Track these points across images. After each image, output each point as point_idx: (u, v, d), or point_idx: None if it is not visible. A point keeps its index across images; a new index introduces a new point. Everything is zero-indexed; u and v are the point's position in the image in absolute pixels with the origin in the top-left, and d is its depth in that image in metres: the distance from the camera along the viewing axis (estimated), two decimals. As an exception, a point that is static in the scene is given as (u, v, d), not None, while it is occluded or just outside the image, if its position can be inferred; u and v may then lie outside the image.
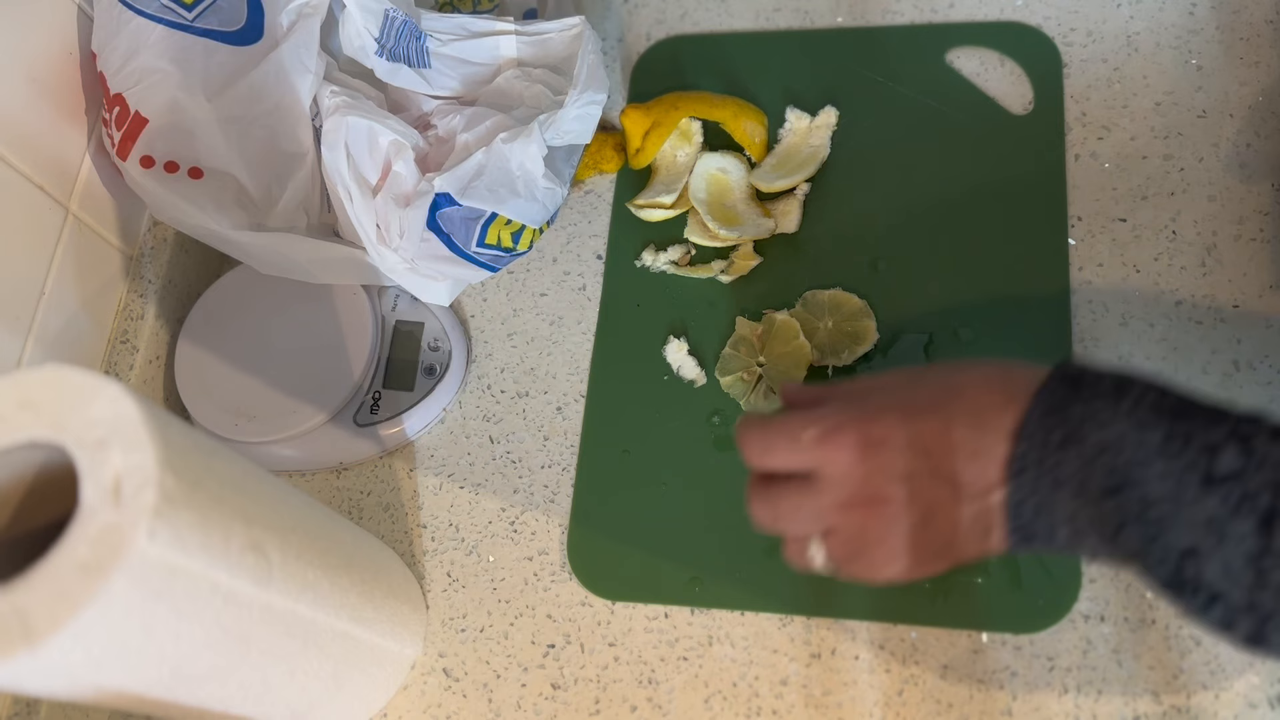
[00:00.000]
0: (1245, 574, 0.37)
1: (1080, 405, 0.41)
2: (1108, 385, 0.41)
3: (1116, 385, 0.41)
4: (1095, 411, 0.40)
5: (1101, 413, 0.40)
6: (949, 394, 0.44)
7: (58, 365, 0.40)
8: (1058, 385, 0.42)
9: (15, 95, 0.60)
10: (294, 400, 0.66)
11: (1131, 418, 0.40)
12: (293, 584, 0.47)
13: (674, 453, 0.64)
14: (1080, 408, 0.41)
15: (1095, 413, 0.40)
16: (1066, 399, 0.41)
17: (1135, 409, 0.40)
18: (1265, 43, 0.67)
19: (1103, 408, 0.40)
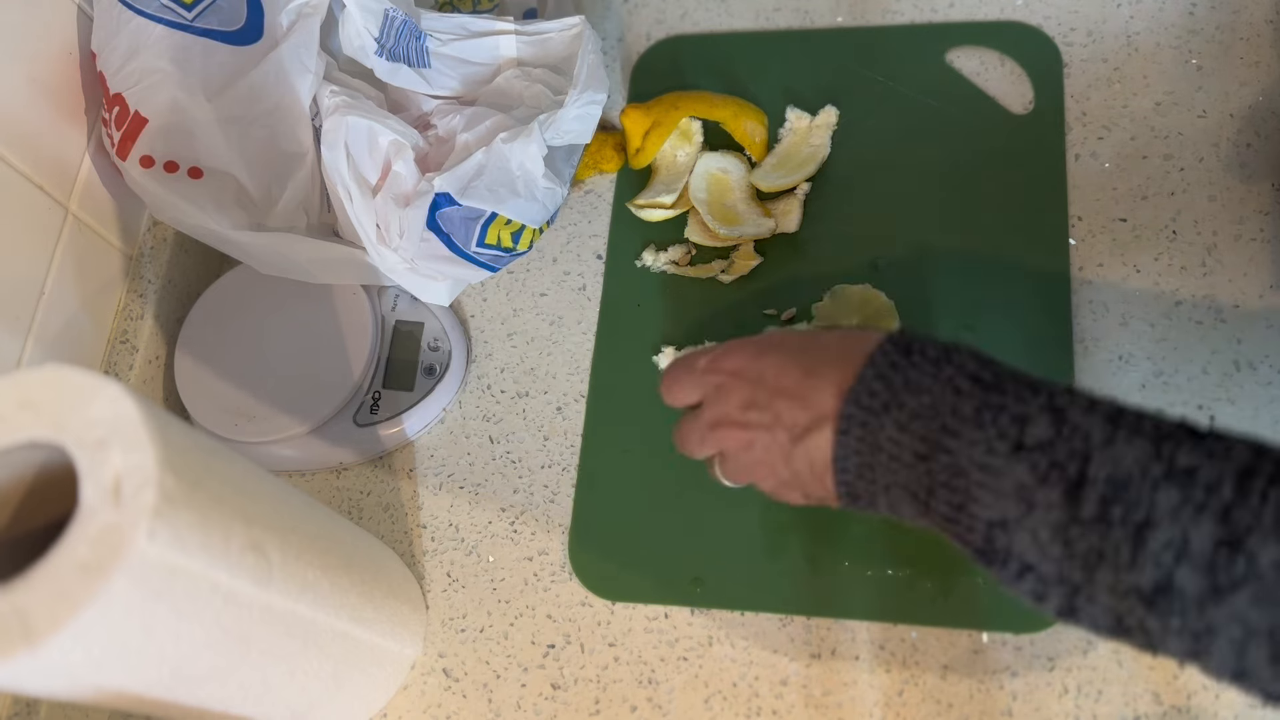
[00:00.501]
0: (1053, 545, 0.38)
1: (903, 372, 0.42)
2: (932, 353, 0.42)
3: (940, 354, 0.42)
4: (916, 379, 0.41)
5: (922, 380, 0.41)
6: (805, 346, 0.47)
7: (58, 365, 0.40)
8: (890, 349, 0.43)
9: (15, 95, 0.60)
10: (294, 400, 0.65)
11: (949, 385, 0.41)
12: (293, 584, 0.47)
13: (674, 453, 0.64)
14: (903, 374, 0.42)
15: (916, 380, 0.41)
16: (894, 365, 0.42)
17: (954, 377, 0.41)
18: (1265, 43, 0.67)
19: (923, 375, 0.41)
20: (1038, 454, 0.38)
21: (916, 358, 0.42)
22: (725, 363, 0.49)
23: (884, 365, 0.43)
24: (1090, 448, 0.37)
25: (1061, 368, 0.61)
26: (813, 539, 0.60)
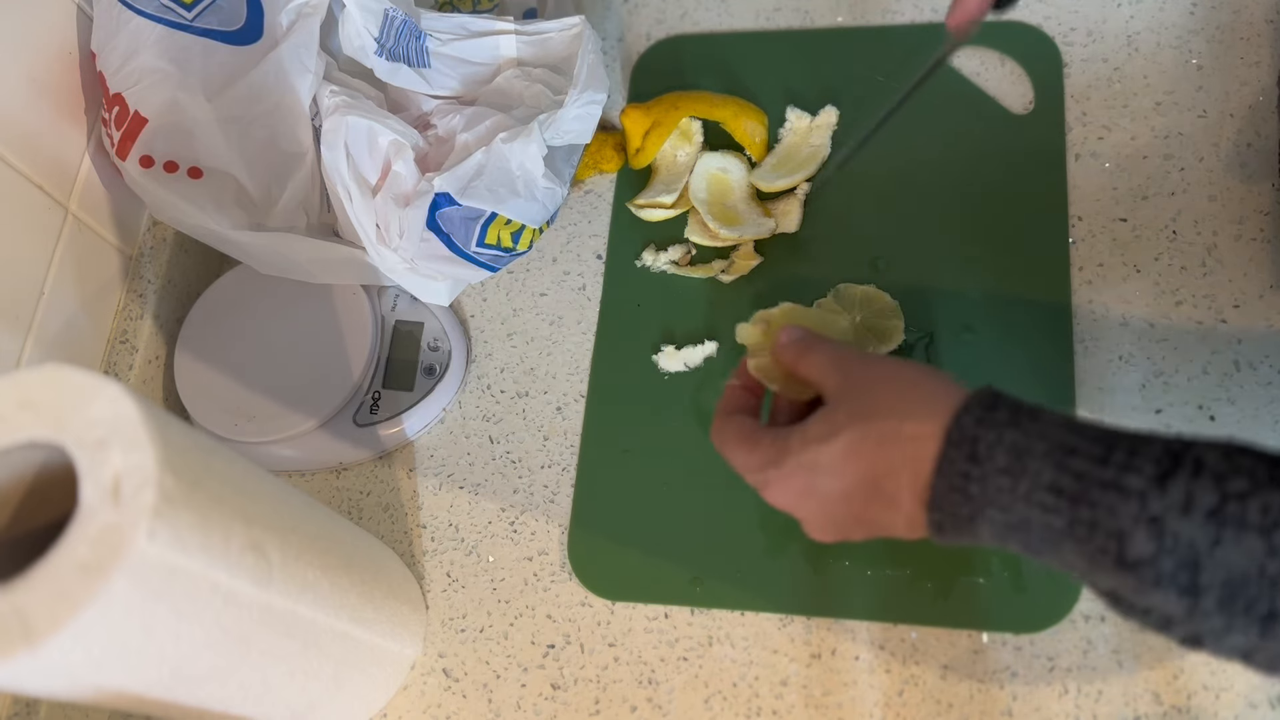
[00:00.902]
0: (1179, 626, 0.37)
1: (979, 485, 0.40)
2: (1001, 461, 0.39)
3: (1010, 460, 0.39)
4: (995, 495, 0.39)
5: (1001, 496, 0.39)
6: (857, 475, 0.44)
7: (57, 365, 0.40)
8: (956, 456, 0.40)
9: (15, 95, 0.60)
10: (293, 400, 0.65)
11: (1032, 501, 0.39)
12: (293, 584, 0.47)
13: (674, 453, 0.64)
14: (979, 488, 0.40)
15: (995, 496, 0.39)
16: (967, 476, 0.40)
17: (1033, 491, 0.39)
18: (1265, 43, 0.67)
19: (1001, 491, 0.39)
20: (1144, 568, 0.37)
21: (988, 466, 0.40)
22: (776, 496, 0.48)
23: (955, 477, 0.40)
24: (1197, 555, 0.36)
25: (1061, 368, 0.61)
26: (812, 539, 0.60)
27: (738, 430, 0.50)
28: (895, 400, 0.44)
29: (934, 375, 0.45)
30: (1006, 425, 0.40)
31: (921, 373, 0.45)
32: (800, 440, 0.46)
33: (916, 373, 0.45)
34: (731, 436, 0.50)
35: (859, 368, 0.47)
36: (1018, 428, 0.40)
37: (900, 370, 0.46)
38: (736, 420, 0.50)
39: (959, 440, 0.40)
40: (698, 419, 0.64)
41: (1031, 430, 0.39)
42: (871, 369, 0.47)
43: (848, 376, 0.46)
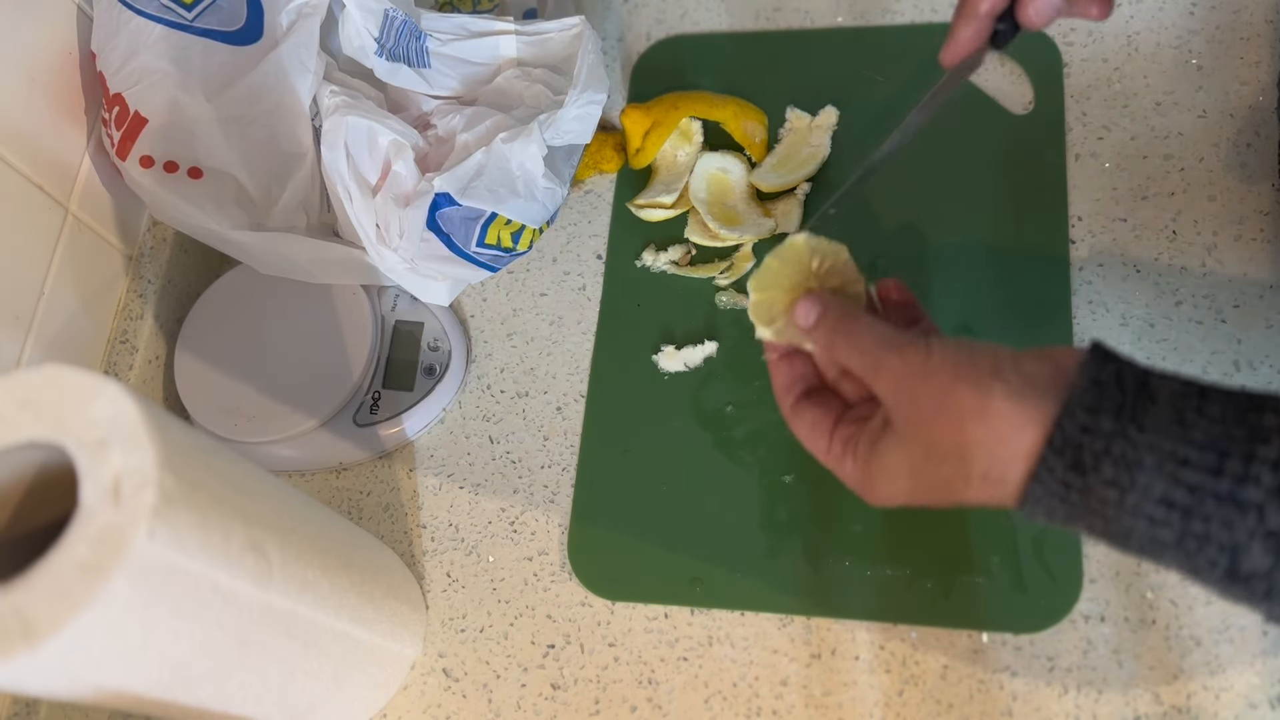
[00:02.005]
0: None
1: (1080, 495, 0.37)
2: (1108, 473, 0.37)
3: (1119, 471, 0.36)
4: (1099, 506, 0.37)
5: (1106, 508, 0.37)
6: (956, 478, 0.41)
7: (57, 365, 0.40)
8: (1056, 465, 0.38)
9: (15, 95, 0.60)
10: (293, 400, 0.65)
11: (1140, 514, 0.37)
12: (293, 584, 0.47)
13: (674, 452, 0.64)
14: (1081, 498, 0.38)
15: (1099, 507, 0.37)
16: (1068, 486, 0.38)
17: (1142, 505, 0.36)
18: (1265, 43, 0.67)
19: (1106, 503, 0.37)
20: (1257, 581, 0.35)
21: (1091, 478, 0.37)
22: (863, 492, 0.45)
23: (1055, 484, 0.38)
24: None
25: (1061, 368, 0.61)
26: (813, 539, 0.60)
27: (810, 430, 0.47)
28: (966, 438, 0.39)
29: (995, 390, 0.39)
30: (1113, 435, 0.37)
31: (979, 389, 0.39)
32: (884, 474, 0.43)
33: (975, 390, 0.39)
34: (807, 439, 0.47)
35: (902, 385, 0.42)
36: (1125, 437, 0.37)
37: (954, 388, 0.40)
38: (806, 414, 0.47)
39: (1061, 448, 0.37)
40: (698, 419, 0.64)
41: (1140, 441, 0.36)
42: (917, 389, 0.41)
43: (897, 394, 0.42)
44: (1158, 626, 0.55)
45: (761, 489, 0.62)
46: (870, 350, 0.43)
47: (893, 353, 0.42)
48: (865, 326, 0.44)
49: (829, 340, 0.45)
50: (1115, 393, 0.37)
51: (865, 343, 0.44)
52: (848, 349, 0.44)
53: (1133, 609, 0.56)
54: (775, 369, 0.49)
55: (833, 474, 0.47)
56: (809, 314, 0.46)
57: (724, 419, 0.64)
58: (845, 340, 0.45)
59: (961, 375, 0.40)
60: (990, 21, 0.49)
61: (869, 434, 0.44)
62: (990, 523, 0.58)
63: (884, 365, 0.42)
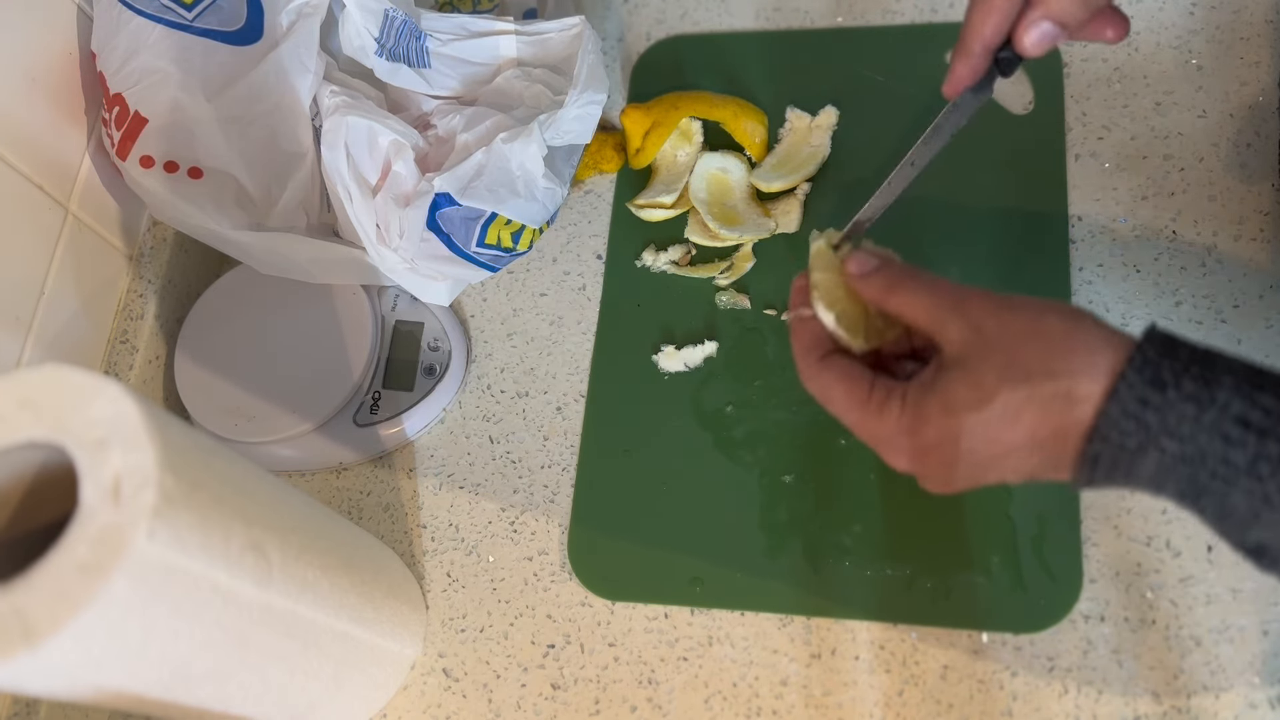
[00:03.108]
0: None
1: (1159, 412, 0.38)
2: (1190, 387, 0.37)
3: (1199, 387, 0.37)
4: (1176, 424, 0.37)
5: (1183, 425, 0.37)
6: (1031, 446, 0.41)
7: (58, 365, 0.40)
8: (1137, 382, 0.38)
9: (15, 95, 0.60)
10: (294, 400, 0.65)
11: (1216, 432, 0.37)
12: (293, 584, 0.47)
13: (674, 453, 0.64)
14: (1158, 414, 0.38)
15: (1176, 425, 0.37)
16: (1144, 402, 0.38)
17: (1220, 422, 0.37)
18: (1265, 43, 0.67)
19: (1184, 419, 0.37)
20: None
21: (1171, 394, 0.37)
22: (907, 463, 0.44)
23: (1133, 403, 0.38)
24: None
25: (1061, 368, 0.61)
26: (813, 539, 0.60)
27: (844, 381, 0.45)
28: (1053, 355, 0.40)
29: (1084, 319, 0.41)
30: (1190, 361, 0.38)
31: (1069, 316, 0.41)
32: (941, 405, 0.42)
33: (1064, 318, 0.41)
34: (839, 391, 0.45)
35: (989, 315, 0.42)
36: (1202, 362, 0.38)
37: (1043, 316, 0.41)
38: (837, 366, 0.46)
39: (1141, 365, 0.38)
40: (698, 419, 0.64)
41: (1216, 363, 0.38)
42: (1006, 316, 0.42)
43: (978, 326, 0.42)
44: (1158, 626, 0.55)
45: (761, 489, 0.62)
46: (946, 294, 0.44)
47: (973, 296, 0.43)
48: (931, 277, 0.45)
49: (890, 285, 0.45)
50: (1185, 341, 0.39)
51: (938, 287, 0.44)
52: (915, 292, 0.44)
53: (1133, 609, 0.56)
54: (800, 326, 0.48)
55: (851, 426, 0.45)
56: (865, 262, 0.46)
57: (724, 419, 0.64)
58: (914, 283, 0.45)
59: (1049, 310, 0.42)
60: (987, 57, 0.49)
61: (918, 383, 0.43)
62: (990, 522, 0.58)
63: (967, 301, 0.43)
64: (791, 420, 0.63)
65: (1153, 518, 0.57)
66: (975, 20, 0.48)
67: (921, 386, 0.43)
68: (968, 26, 0.48)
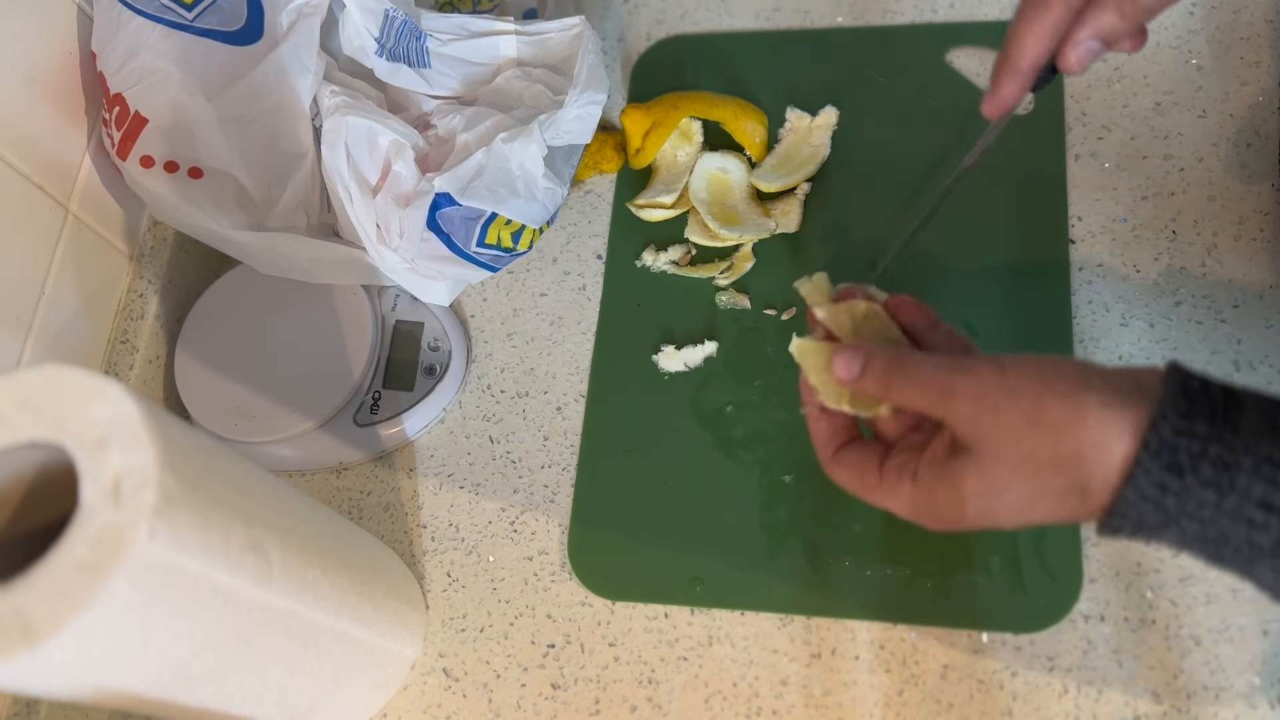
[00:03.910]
0: None
1: (1176, 498, 0.37)
2: (1208, 473, 0.36)
3: (1218, 472, 0.36)
4: (1195, 509, 0.37)
5: (1203, 511, 0.37)
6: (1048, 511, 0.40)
7: (58, 365, 0.40)
8: (1153, 466, 0.37)
9: (15, 95, 0.60)
10: (294, 400, 0.65)
11: (1238, 518, 0.36)
12: (293, 584, 0.47)
13: (674, 453, 0.64)
14: (1176, 501, 0.37)
15: (1195, 510, 0.37)
16: (1163, 488, 0.37)
17: (1242, 507, 0.36)
18: (1265, 43, 0.67)
19: (1204, 506, 0.37)
20: None
21: (1190, 479, 0.36)
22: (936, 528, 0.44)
23: (1150, 488, 0.37)
24: None
25: (1061, 368, 0.61)
26: (813, 539, 0.60)
27: (855, 474, 0.46)
28: (1061, 449, 0.39)
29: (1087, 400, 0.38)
30: (1209, 439, 0.36)
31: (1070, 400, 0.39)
32: (951, 492, 0.42)
33: (1065, 404, 0.39)
34: (854, 484, 0.46)
35: (983, 406, 0.40)
36: (1221, 441, 0.36)
37: (1043, 402, 0.39)
38: (848, 458, 0.46)
39: (1157, 450, 0.37)
40: (698, 419, 0.64)
41: (1235, 443, 0.36)
42: (1004, 406, 0.40)
43: (975, 421, 0.41)
44: (1158, 626, 0.55)
45: (761, 489, 0.62)
46: (935, 379, 0.42)
47: (963, 375, 0.41)
48: (920, 359, 0.44)
49: (884, 382, 0.44)
50: (1205, 400, 0.37)
51: (925, 373, 0.43)
52: (906, 385, 0.43)
53: (1133, 609, 0.56)
54: (815, 423, 0.48)
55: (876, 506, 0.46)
56: (851, 363, 0.45)
57: (724, 419, 0.64)
58: (902, 377, 0.43)
59: (1049, 388, 0.39)
60: (1034, 75, 0.49)
61: (929, 459, 0.43)
62: (990, 523, 0.58)
63: (956, 389, 0.41)
64: (791, 420, 0.63)
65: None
66: (1026, 40, 0.48)
67: (932, 466, 0.43)
68: (1016, 46, 0.48)
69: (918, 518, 0.44)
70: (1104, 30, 0.47)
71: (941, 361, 0.43)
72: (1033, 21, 0.47)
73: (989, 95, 0.51)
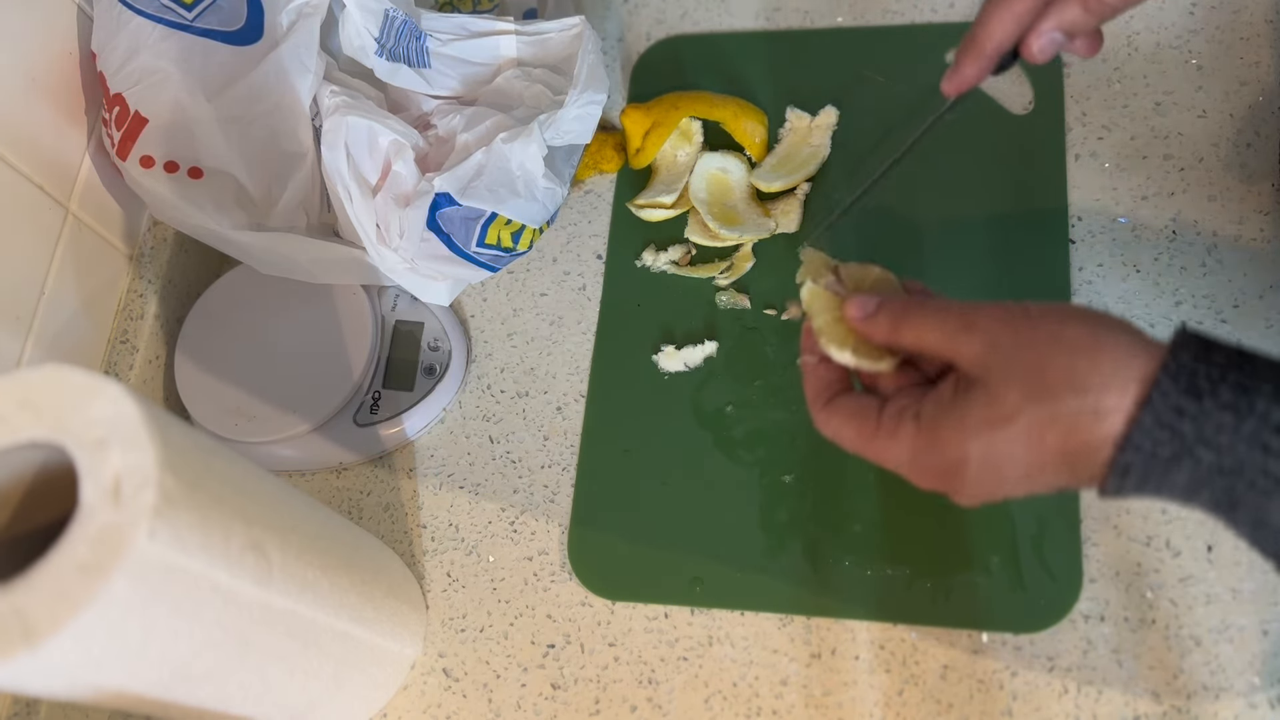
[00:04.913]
0: None
1: (1194, 422, 0.36)
2: (1227, 395, 0.36)
3: (1236, 395, 0.36)
4: (1212, 434, 0.36)
5: (1221, 435, 0.36)
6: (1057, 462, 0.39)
7: (58, 365, 0.40)
8: (1171, 388, 0.37)
9: (15, 95, 0.60)
10: (294, 400, 0.66)
11: (1255, 442, 0.36)
12: (293, 584, 0.47)
13: (674, 452, 0.64)
14: (1194, 425, 0.36)
15: (1212, 435, 0.36)
16: (1180, 411, 0.36)
17: (1260, 432, 0.35)
18: (1265, 43, 0.67)
19: (1222, 429, 0.36)
20: None
21: (1208, 402, 0.36)
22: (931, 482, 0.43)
23: (1167, 412, 0.36)
24: None
25: (1061, 368, 0.61)
26: (812, 539, 0.60)
27: (851, 420, 0.44)
28: (1078, 367, 0.38)
29: (1109, 324, 0.39)
30: (1227, 366, 0.36)
31: (1093, 323, 0.39)
32: (957, 425, 0.41)
33: (1088, 325, 0.39)
34: (849, 431, 0.44)
35: (1004, 328, 0.40)
36: (1239, 368, 0.36)
37: (1065, 324, 0.39)
38: (844, 405, 0.45)
39: (1176, 373, 0.36)
40: (698, 419, 0.64)
41: (1252, 371, 0.36)
42: (1023, 327, 0.40)
43: (993, 342, 0.40)
44: (1158, 626, 0.55)
45: (761, 489, 0.62)
46: (953, 315, 0.42)
47: (982, 309, 0.42)
48: (936, 302, 0.43)
49: (897, 319, 0.43)
50: (1219, 344, 0.38)
51: (945, 311, 0.42)
52: (923, 320, 0.43)
53: (1133, 609, 0.56)
54: (811, 372, 0.47)
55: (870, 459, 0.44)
56: (866, 303, 0.45)
57: (724, 419, 0.64)
58: (920, 313, 0.43)
59: (1070, 317, 0.40)
60: (996, 59, 0.51)
61: (934, 399, 0.42)
62: (990, 522, 0.58)
63: (977, 321, 0.41)
64: (791, 420, 0.63)
65: (1153, 518, 0.57)
66: (992, 24, 0.50)
67: (937, 404, 0.42)
68: (982, 29, 0.50)
69: (916, 464, 0.42)
70: (1067, 23, 0.49)
71: (958, 302, 0.43)
72: (1002, 8, 0.49)
73: (950, 73, 0.53)
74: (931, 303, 0.43)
